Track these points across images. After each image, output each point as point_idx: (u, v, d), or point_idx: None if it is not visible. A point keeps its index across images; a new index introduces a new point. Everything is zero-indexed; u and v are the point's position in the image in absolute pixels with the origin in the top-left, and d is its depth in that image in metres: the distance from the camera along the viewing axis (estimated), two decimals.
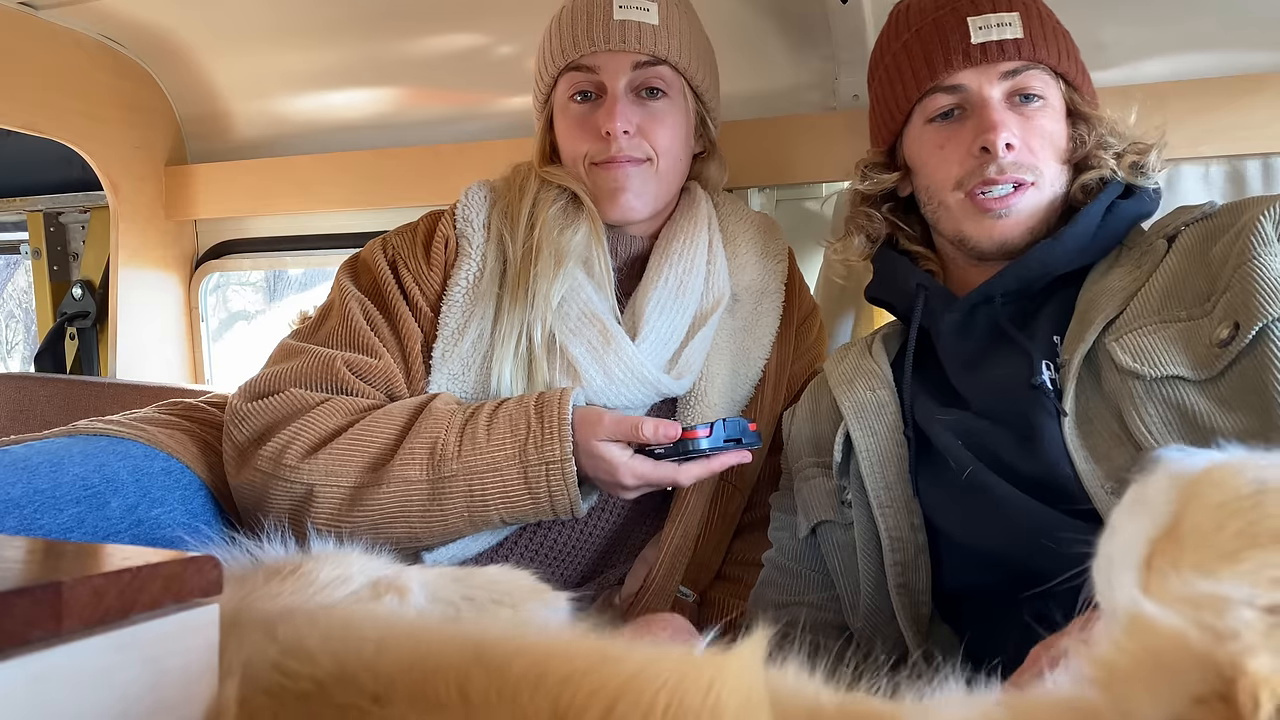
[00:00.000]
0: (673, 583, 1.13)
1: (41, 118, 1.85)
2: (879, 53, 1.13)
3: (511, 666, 0.42)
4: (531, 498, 1.01)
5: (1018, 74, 1.00)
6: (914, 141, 1.08)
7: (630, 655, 0.43)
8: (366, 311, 1.16)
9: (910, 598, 0.94)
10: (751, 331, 1.24)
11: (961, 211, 1.02)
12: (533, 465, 1.00)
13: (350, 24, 1.77)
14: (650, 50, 1.16)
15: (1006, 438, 0.90)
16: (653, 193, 1.19)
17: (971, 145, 0.99)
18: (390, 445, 1.03)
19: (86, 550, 0.46)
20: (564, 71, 1.19)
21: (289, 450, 1.02)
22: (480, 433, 1.02)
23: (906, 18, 1.08)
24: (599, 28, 1.15)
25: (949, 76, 1.01)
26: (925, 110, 1.05)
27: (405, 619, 0.55)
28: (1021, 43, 0.99)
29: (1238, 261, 0.84)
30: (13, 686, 0.35)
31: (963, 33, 1.00)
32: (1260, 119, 1.27)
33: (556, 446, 1.00)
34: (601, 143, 1.16)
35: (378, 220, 1.88)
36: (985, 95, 1.00)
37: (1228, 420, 0.78)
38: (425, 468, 1.01)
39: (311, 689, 0.44)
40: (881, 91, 1.11)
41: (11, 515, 0.90)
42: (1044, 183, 0.99)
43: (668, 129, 1.18)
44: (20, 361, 4.41)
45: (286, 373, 1.10)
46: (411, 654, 0.45)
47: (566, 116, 1.20)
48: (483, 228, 1.20)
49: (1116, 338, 0.87)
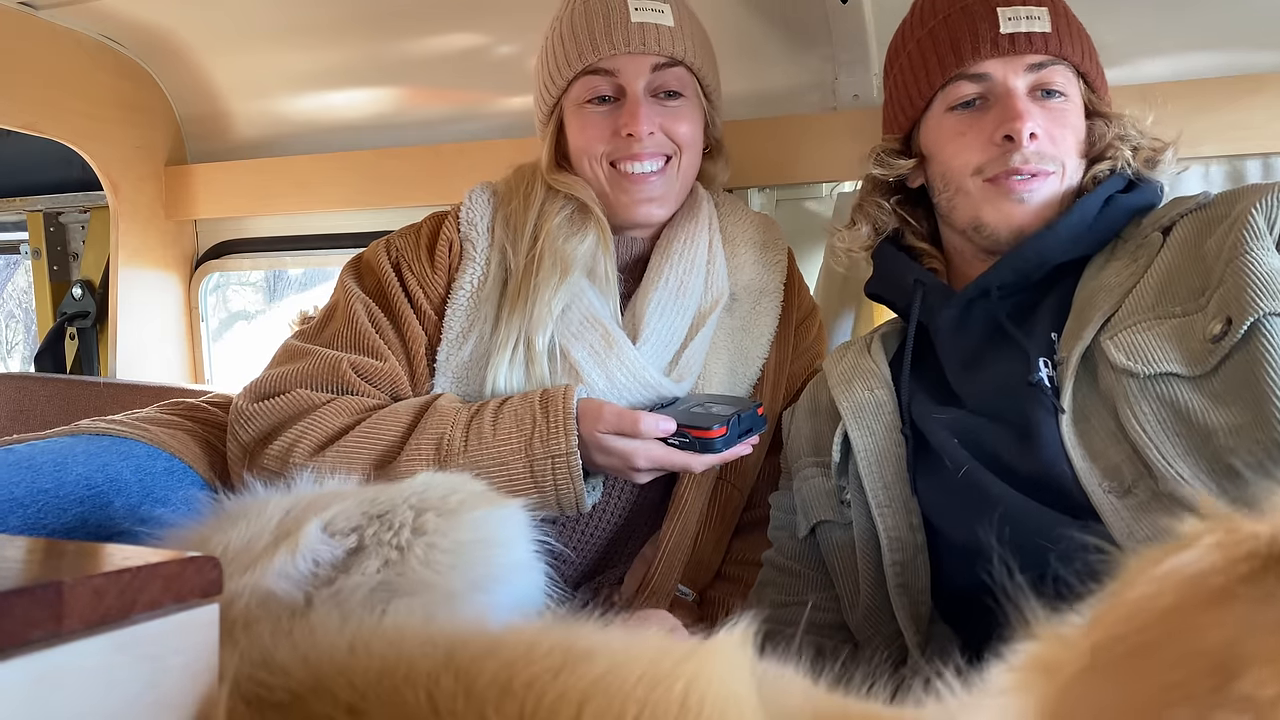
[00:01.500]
0: (671, 581, 1.13)
1: (41, 118, 1.85)
2: (901, 39, 1.12)
3: (480, 671, 0.42)
4: (538, 491, 1.01)
5: (1043, 68, 1.00)
6: (933, 129, 1.07)
7: (600, 654, 0.42)
8: (371, 314, 1.16)
9: (909, 597, 0.94)
10: (750, 331, 1.24)
11: (981, 196, 1.01)
12: (539, 460, 1.01)
13: (350, 24, 1.77)
14: (669, 52, 1.16)
15: (1004, 436, 0.90)
16: (674, 194, 1.21)
17: (994, 134, 0.99)
18: (397, 442, 1.03)
19: (87, 550, 0.46)
20: (580, 75, 1.17)
21: (296, 448, 1.03)
22: (486, 428, 1.03)
23: (934, 5, 1.07)
24: (618, 31, 1.14)
25: (975, 64, 1.01)
26: (947, 98, 1.04)
27: (376, 620, 0.54)
28: (1049, 37, 1.00)
29: (1230, 255, 0.83)
30: (13, 686, 0.35)
31: (992, 22, 1.00)
32: (1260, 119, 1.27)
33: (562, 440, 1.00)
34: (623, 142, 1.16)
35: (378, 220, 1.88)
36: (1010, 85, 0.99)
37: (1221, 416, 0.77)
38: (431, 464, 1.02)
39: (288, 700, 0.44)
40: (902, 77, 1.10)
41: (15, 515, 0.90)
42: (1064, 174, 1.00)
43: (686, 124, 1.19)
44: (20, 361, 4.41)
45: (292, 374, 1.11)
46: (383, 661, 0.45)
47: (582, 118, 1.19)
48: (487, 232, 1.20)
49: (1111, 335, 0.87)
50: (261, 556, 0.59)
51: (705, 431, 1.01)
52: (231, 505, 0.69)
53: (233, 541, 0.61)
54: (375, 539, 0.63)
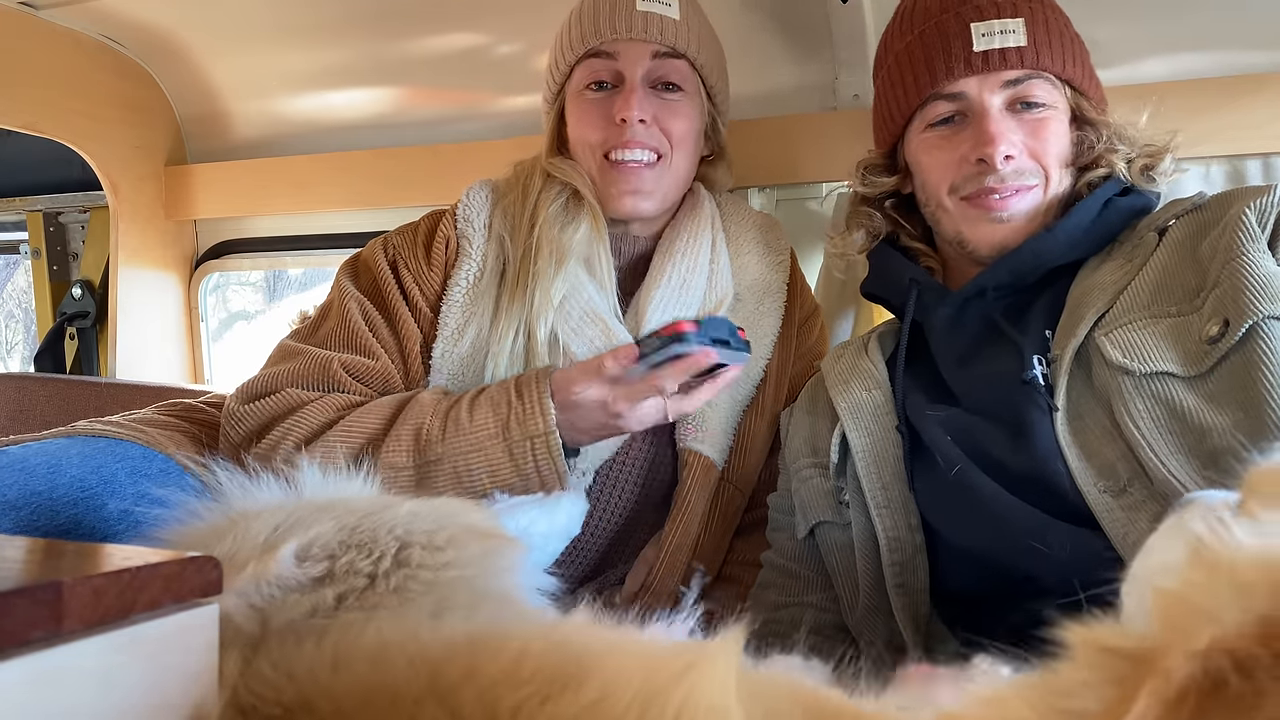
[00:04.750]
0: (673, 582, 1.13)
1: (41, 118, 1.85)
2: (883, 50, 1.12)
3: (462, 698, 0.41)
4: (518, 474, 1.00)
5: (1020, 83, 0.99)
6: (915, 145, 1.07)
7: (591, 675, 0.41)
8: (365, 312, 1.17)
9: (908, 597, 0.94)
10: (753, 331, 1.24)
11: (960, 215, 1.02)
12: (517, 443, 1.00)
13: (350, 24, 1.77)
14: (670, 43, 1.17)
15: (998, 434, 0.90)
16: (663, 190, 1.20)
17: (970, 154, 0.99)
18: (378, 433, 1.03)
19: (86, 550, 0.46)
20: (583, 59, 1.19)
21: (282, 445, 1.03)
22: (463, 416, 1.02)
23: (911, 17, 1.07)
24: (621, 17, 1.17)
25: (950, 84, 1.00)
26: (926, 116, 1.04)
27: (356, 634, 0.52)
28: (1024, 51, 0.98)
29: (1226, 257, 0.83)
30: (13, 686, 0.35)
31: (965, 39, 0.99)
32: (1260, 119, 1.27)
33: (539, 420, 0.99)
34: (615, 130, 1.16)
35: (377, 220, 1.88)
36: (985, 104, 0.99)
37: (1216, 417, 0.77)
38: (411, 454, 1.01)
39: (279, 714, 0.44)
40: (884, 92, 1.11)
41: (8, 517, 0.89)
42: (1047, 184, 0.99)
43: (682, 121, 1.19)
44: (20, 361, 4.41)
45: (284, 374, 1.11)
46: (368, 684, 0.44)
47: (580, 104, 1.20)
48: (484, 228, 1.20)
49: (1106, 332, 0.87)
50: (233, 573, 0.57)
51: (673, 327, 0.94)
52: (229, 511, 0.68)
53: (218, 554, 0.60)
54: (346, 567, 0.61)
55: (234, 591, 0.55)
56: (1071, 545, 0.79)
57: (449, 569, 0.63)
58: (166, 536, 0.68)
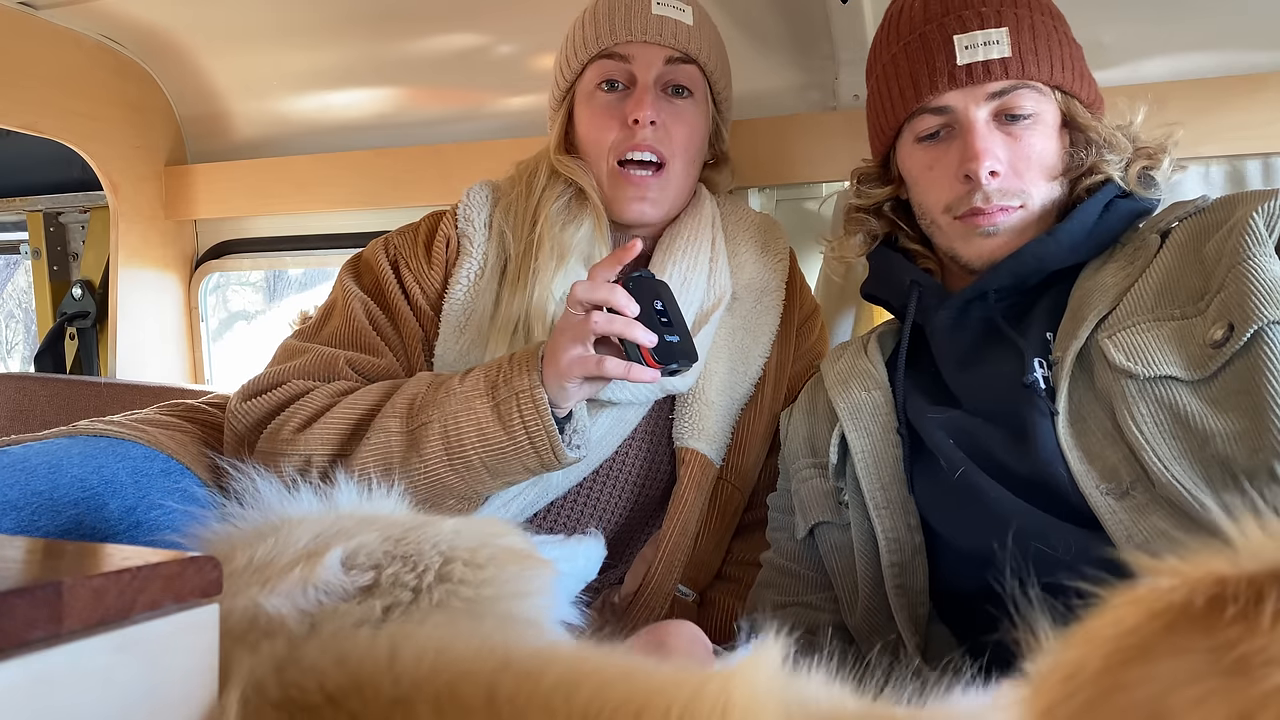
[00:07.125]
0: (671, 581, 1.13)
1: (41, 118, 1.85)
2: (873, 58, 1.12)
3: (544, 676, 0.41)
4: (507, 433, 0.98)
5: (1005, 94, 0.97)
6: (906, 157, 1.07)
7: (655, 672, 0.42)
8: (369, 311, 1.17)
9: (908, 598, 0.94)
10: (751, 330, 1.25)
11: (953, 232, 1.02)
12: (504, 400, 0.99)
13: (350, 24, 1.77)
14: (684, 47, 1.18)
15: (999, 436, 0.90)
16: (669, 198, 1.21)
17: (957, 170, 0.98)
18: (375, 406, 1.04)
19: (87, 550, 0.46)
20: (595, 59, 1.20)
21: (284, 428, 1.04)
22: (454, 383, 1.03)
23: (897, 27, 1.06)
24: (636, 19, 1.17)
25: (935, 98, 0.99)
26: (915, 128, 1.04)
27: (413, 627, 0.54)
28: (1009, 61, 0.97)
29: (1231, 261, 0.83)
30: (13, 686, 0.35)
31: (949, 52, 0.98)
32: (1260, 119, 1.27)
33: (525, 377, 0.98)
34: (626, 131, 1.17)
35: (378, 220, 1.88)
36: (971, 118, 0.98)
37: (1219, 422, 0.77)
38: (403, 419, 1.02)
39: (320, 701, 0.44)
40: (874, 103, 1.10)
41: (9, 517, 0.89)
42: (1032, 203, 0.98)
43: (688, 128, 1.19)
44: (20, 361, 4.41)
45: (290, 370, 1.12)
46: (434, 661, 0.44)
47: (591, 105, 1.21)
48: (484, 226, 1.20)
49: (1109, 335, 0.87)
50: (276, 575, 0.58)
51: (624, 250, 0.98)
52: (268, 515, 0.68)
53: (258, 554, 0.61)
54: (392, 579, 0.61)
55: (280, 593, 0.56)
56: (1075, 547, 0.79)
57: (487, 586, 0.64)
58: (204, 536, 0.67)
